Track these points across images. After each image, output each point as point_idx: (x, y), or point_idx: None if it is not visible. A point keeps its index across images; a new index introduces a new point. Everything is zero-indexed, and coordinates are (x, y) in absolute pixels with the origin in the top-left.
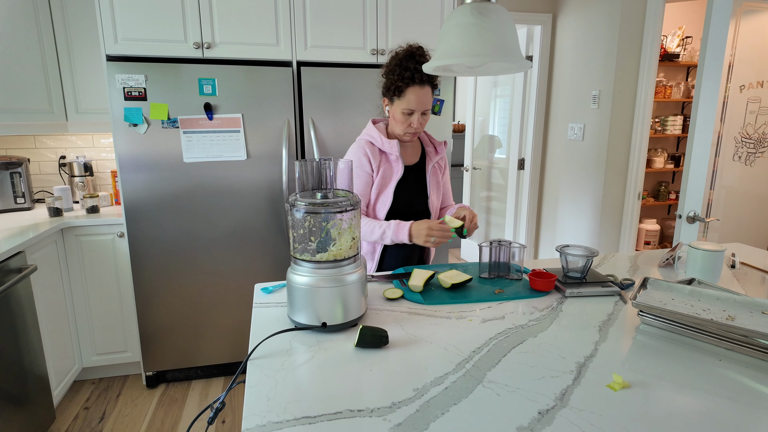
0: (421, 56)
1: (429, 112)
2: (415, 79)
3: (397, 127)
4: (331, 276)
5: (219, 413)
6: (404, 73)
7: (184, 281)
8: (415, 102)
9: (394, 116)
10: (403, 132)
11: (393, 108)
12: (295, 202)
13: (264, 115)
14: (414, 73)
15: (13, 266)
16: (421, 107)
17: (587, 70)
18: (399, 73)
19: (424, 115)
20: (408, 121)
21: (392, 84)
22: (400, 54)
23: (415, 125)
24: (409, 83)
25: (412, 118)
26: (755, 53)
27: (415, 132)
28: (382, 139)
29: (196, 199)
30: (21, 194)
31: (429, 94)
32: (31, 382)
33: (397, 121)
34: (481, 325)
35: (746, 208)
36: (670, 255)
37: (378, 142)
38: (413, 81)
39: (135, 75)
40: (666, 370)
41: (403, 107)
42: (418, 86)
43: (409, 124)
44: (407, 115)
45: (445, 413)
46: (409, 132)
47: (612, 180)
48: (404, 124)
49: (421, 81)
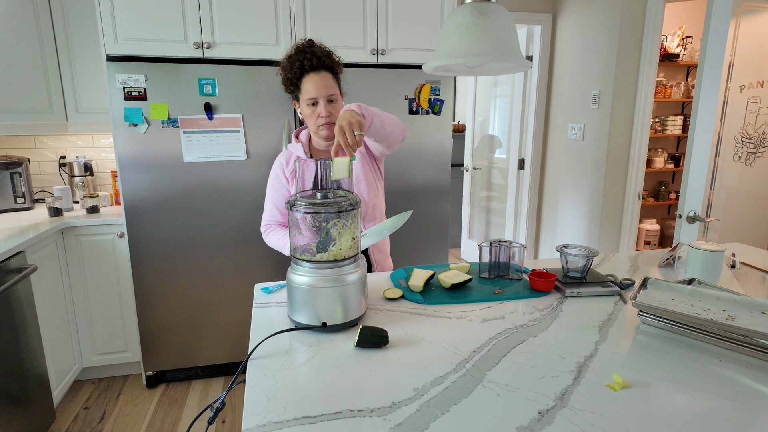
0: (310, 46)
1: (338, 99)
2: (306, 67)
3: (310, 123)
4: (331, 276)
5: (219, 413)
6: (294, 65)
7: (184, 281)
8: (314, 89)
9: (303, 114)
10: (316, 126)
11: (300, 106)
12: (295, 202)
13: (264, 115)
14: (303, 62)
15: (13, 266)
16: (322, 93)
17: (587, 70)
18: (289, 67)
19: (331, 102)
20: (315, 112)
21: (288, 81)
22: (290, 51)
23: (324, 114)
24: (301, 74)
25: (318, 109)
26: (755, 53)
27: (327, 122)
28: (294, 144)
29: (196, 199)
30: (21, 194)
31: (328, 78)
32: (31, 382)
33: (307, 116)
34: (481, 325)
35: (746, 208)
36: (670, 255)
37: (293, 148)
38: (304, 70)
39: (135, 75)
40: (666, 370)
41: (306, 98)
42: (312, 73)
43: (318, 116)
44: (312, 106)
45: (445, 413)
46: (320, 123)
47: (612, 180)
48: (313, 116)
49: (313, 67)
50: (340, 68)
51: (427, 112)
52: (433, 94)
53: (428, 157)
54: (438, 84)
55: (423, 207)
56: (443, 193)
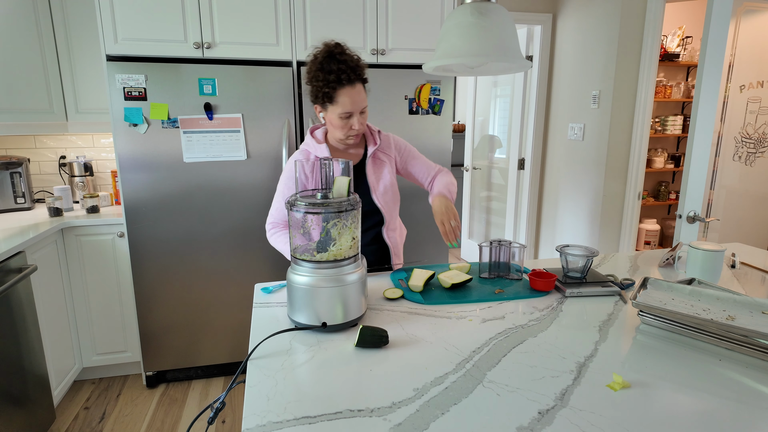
0: (341, 53)
1: (366, 109)
2: (342, 81)
3: (338, 132)
4: (331, 276)
5: (219, 413)
6: (329, 77)
7: (184, 281)
8: (350, 104)
9: (331, 122)
10: (345, 136)
11: (328, 114)
12: (295, 202)
13: (264, 115)
14: (339, 74)
15: (13, 266)
16: (357, 107)
17: (587, 70)
18: (323, 78)
19: (362, 114)
20: (348, 124)
21: (319, 91)
22: (319, 57)
23: (356, 127)
24: (337, 87)
25: (351, 121)
26: (755, 53)
27: (357, 134)
28: (316, 146)
29: (196, 199)
30: (21, 194)
31: (362, 91)
32: (31, 382)
33: (336, 127)
34: (481, 325)
35: (746, 208)
36: (670, 255)
37: (313, 149)
38: (340, 83)
39: (135, 75)
40: (666, 370)
41: (339, 112)
42: (348, 87)
43: (350, 127)
44: (345, 119)
45: (445, 413)
46: (351, 135)
47: (612, 180)
48: (344, 128)
49: (350, 80)
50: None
51: (427, 112)
52: (433, 94)
53: (428, 156)
54: (438, 84)
55: (423, 207)
56: None
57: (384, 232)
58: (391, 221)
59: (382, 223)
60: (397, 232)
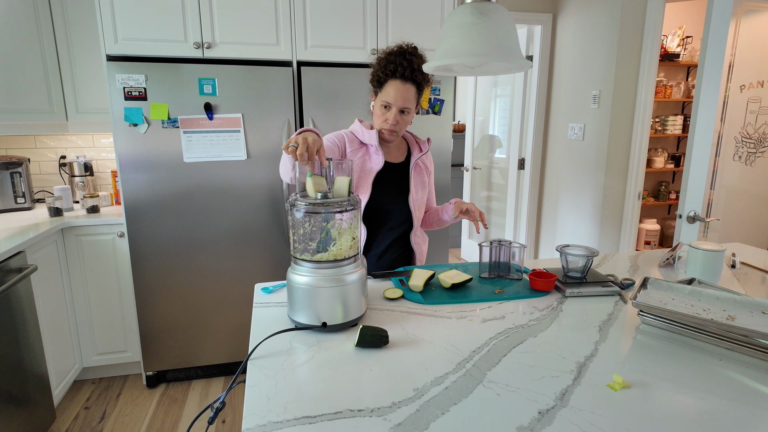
0: (412, 54)
1: (411, 112)
2: (396, 73)
3: (376, 120)
4: (331, 276)
5: (219, 413)
6: (388, 65)
7: (184, 281)
8: (393, 96)
9: (374, 110)
10: (379, 126)
11: (375, 101)
12: (296, 202)
13: (264, 115)
14: (397, 66)
15: (13, 266)
16: (398, 103)
17: (587, 70)
18: (384, 65)
19: (403, 113)
20: (385, 115)
21: (375, 74)
22: (392, 49)
23: (391, 121)
24: (390, 76)
25: (388, 114)
26: (755, 53)
27: (391, 129)
28: (363, 130)
29: (196, 199)
30: (21, 194)
31: (411, 92)
32: (32, 381)
33: (376, 115)
34: (481, 325)
35: (746, 208)
36: (671, 255)
37: (359, 134)
38: (394, 75)
39: (135, 75)
40: (666, 370)
41: (382, 100)
42: (399, 81)
43: (385, 119)
44: (384, 109)
45: (445, 413)
46: (384, 127)
47: (612, 180)
48: (381, 117)
49: (403, 77)
50: (427, 84)
51: (427, 112)
52: (433, 94)
53: None
54: (438, 84)
55: None
56: (443, 193)
57: (411, 237)
58: (417, 228)
59: (410, 228)
60: (420, 238)
